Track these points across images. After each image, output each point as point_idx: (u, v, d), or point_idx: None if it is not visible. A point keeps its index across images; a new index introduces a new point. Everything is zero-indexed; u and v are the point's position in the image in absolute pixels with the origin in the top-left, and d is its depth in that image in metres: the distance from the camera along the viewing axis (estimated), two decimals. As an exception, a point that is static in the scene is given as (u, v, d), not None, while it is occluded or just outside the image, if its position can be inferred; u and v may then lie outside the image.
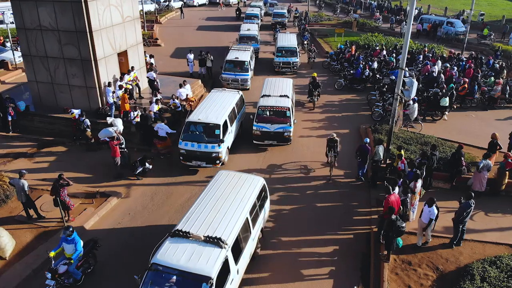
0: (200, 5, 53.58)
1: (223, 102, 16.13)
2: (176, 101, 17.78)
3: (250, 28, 30.63)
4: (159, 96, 17.62)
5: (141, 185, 13.97)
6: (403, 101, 13.92)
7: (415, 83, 12.11)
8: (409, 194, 11.29)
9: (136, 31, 19.29)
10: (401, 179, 11.84)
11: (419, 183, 11.73)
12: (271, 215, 12.41)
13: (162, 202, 13.12)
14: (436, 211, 10.58)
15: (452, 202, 13.54)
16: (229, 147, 15.60)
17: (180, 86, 18.95)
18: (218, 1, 55.07)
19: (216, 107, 15.59)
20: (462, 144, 16.34)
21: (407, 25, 12.76)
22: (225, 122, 14.78)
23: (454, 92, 20.06)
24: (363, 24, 40.66)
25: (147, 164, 14.40)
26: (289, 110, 16.37)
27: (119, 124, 14.61)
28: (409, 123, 18.08)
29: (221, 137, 14.24)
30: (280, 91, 17.66)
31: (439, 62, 24.34)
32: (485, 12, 44.94)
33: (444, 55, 27.66)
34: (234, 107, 16.16)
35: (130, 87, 18.11)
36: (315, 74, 21.46)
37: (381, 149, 13.44)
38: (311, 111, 20.49)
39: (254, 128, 16.16)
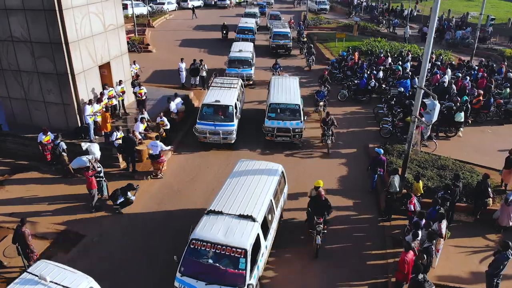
0: (196, 8, 51.81)
1: None
2: (164, 118, 16.02)
3: (243, 49, 24.48)
4: (145, 115, 15.85)
5: (121, 220, 12.19)
6: (423, 124, 12.28)
7: (438, 106, 10.46)
8: (435, 240, 9.56)
9: (120, 40, 17.50)
10: (423, 219, 10.13)
11: (444, 224, 10.04)
12: (270, 261, 10.68)
13: (144, 242, 11.34)
14: None
15: (477, 238, 11.99)
16: None
17: (168, 100, 17.18)
18: (212, 2, 53.45)
19: None
20: (479, 165, 14.87)
21: (429, 32, 11.04)
22: None
23: (469, 106, 18.41)
24: (364, 28, 39.00)
25: (129, 194, 12.66)
26: None
27: (95, 150, 12.84)
28: (422, 141, 16.40)
29: None
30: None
31: (449, 70, 22.68)
32: (489, 14, 43.38)
33: (453, 62, 26.00)
34: None
35: (114, 102, 16.34)
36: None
37: (396, 180, 11.73)
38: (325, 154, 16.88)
39: None
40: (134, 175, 14.17)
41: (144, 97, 17.54)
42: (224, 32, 33.80)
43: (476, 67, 24.10)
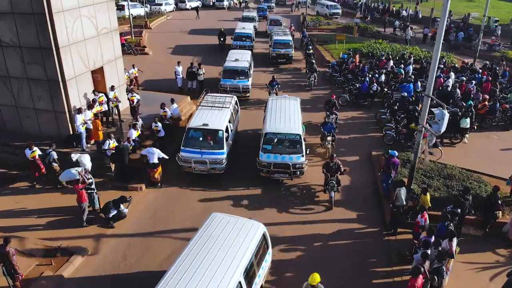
0: (193, 8, 51.29)
1: None
2: (159, 124, 15.42)
3: (239, 58, 22.33)
4: (139, 121, 15.25)
5: (113, 236, 11.58)
6: (431, 135, 11.73)
7: (447, 115, 9.90)
8: (445, 261, 8.99)
9: (114, 44, 16.87)
10: (432, 236, 9.56)
11: (455, 242, 9.47)
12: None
13: (137, 260, 10.73)
14: None
15: (487, 254, 11.45)
16: None
17: (162, 106, 16.32)
18: (211, 3, 52.94)
19: None
20: (487, 174, 14.35)
21: (438, 35, 10.45)
22: None
23: (474, 111, 17.87)
24: (365, 29, 38.44)
25: (122, 207, 12.07)
26: None
27: (86, 161, 12.21)
28: (427, 149, 15.86)
29: None
30: None
31: (452, 74, 22.11)
32: (491, 16, 42.90)
33: (456, 65, 25.44)
34: None
35: (105, 108, 15.73)
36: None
37: (403, 193, 11.13)
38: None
39: None
40: (128, 186, 13.56)
41: (135, 104, 16.82)
42: (222, 39, 30.71)
43: (480, 70, 23.55)
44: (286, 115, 15.24)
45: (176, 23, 41.56)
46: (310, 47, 27.57)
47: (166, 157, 13.80)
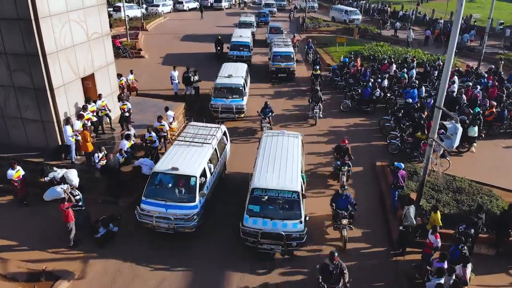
0: (190, 10, 50.59)
1: None
2: (153, 134, 14.68)
3: (233, 74, 19.71)
4: (131, 131, 14.50)
5: (101, 258, 10.80)
6: (443, 150, 11.03)
7: (460, 130, 9.20)
8: (461, 290, 8.28)
9: (105, 49, 16.13)
10: (445, 261, 8.84)
11: (470, 268, 8.76)
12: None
13: (127, 286, 9.99)
14: None
15: (501, 275, 10.76)
16: None
17: (159, 119, 15.14)
18: (208, 4, 52.19)
19: None
20: (497, 187, 13.70)
21: (451, 41, 9.73)
22: None
23: (481, 118, 17.18)
24: (365, 31, 37.75)
25: (111, 226, 11.33)
26: None
27: (73, 177, 11.45)
28: (435, 159, 15.17)
29: None
30: None
31: (456, 78, 21.42)
32: (494, 18, 42.21)
33: (460, 69, 24.76)
34: None
35: (95, 119, 14.99)
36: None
37: (412, 211, 10.41)
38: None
39: None
40: (118, 202, 12.81)
41: (127, 113, 15.71)
42: (219, 48, 28.37)
43: (486, 75, 22.86)
44: (282, 162, 11.84)
45: (173, 24, 40.85)
46: (318, 67, 22.94)
47: None
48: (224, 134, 14.52)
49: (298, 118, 19.65)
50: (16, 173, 12.06)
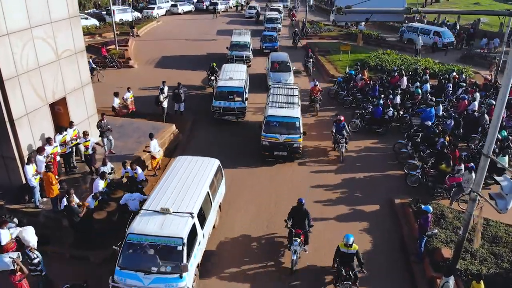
0: (185, 13, 48.47)
1: None
2: (128, 168, 12.53)
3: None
4: (107, 167, 12.33)
5: None
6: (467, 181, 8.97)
7: (518, 189, 7.18)
8: None
9: (80, 68, 13.90)
10: None
11: None
12: None
13: None
14: None
15: None
16: None
17: (124, 165, 12.76)
18: (204, 7, 50.04)
19: None
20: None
21: (504, 81, 7.70)
22: None
23: (511, 144, 15.11)
24: (369, 36, 35.63)
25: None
26: None
27: (29, 236, 9.18)
28: (461, 197, 13.11)
29: None
30: None
31: (478, 94, 19.36)
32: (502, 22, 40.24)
33: (477, 81, 22.68)
34: None
35: (68, 150, 12.79)
36: None
37: (451, 284, 8.33)
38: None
39: None
40: (90, 257, 10.62)
41: (91, 151, 13.06)
42: (212, 78, 22.04)
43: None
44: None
45: (166, 29, 38.69)
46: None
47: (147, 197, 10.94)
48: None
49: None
50: None
